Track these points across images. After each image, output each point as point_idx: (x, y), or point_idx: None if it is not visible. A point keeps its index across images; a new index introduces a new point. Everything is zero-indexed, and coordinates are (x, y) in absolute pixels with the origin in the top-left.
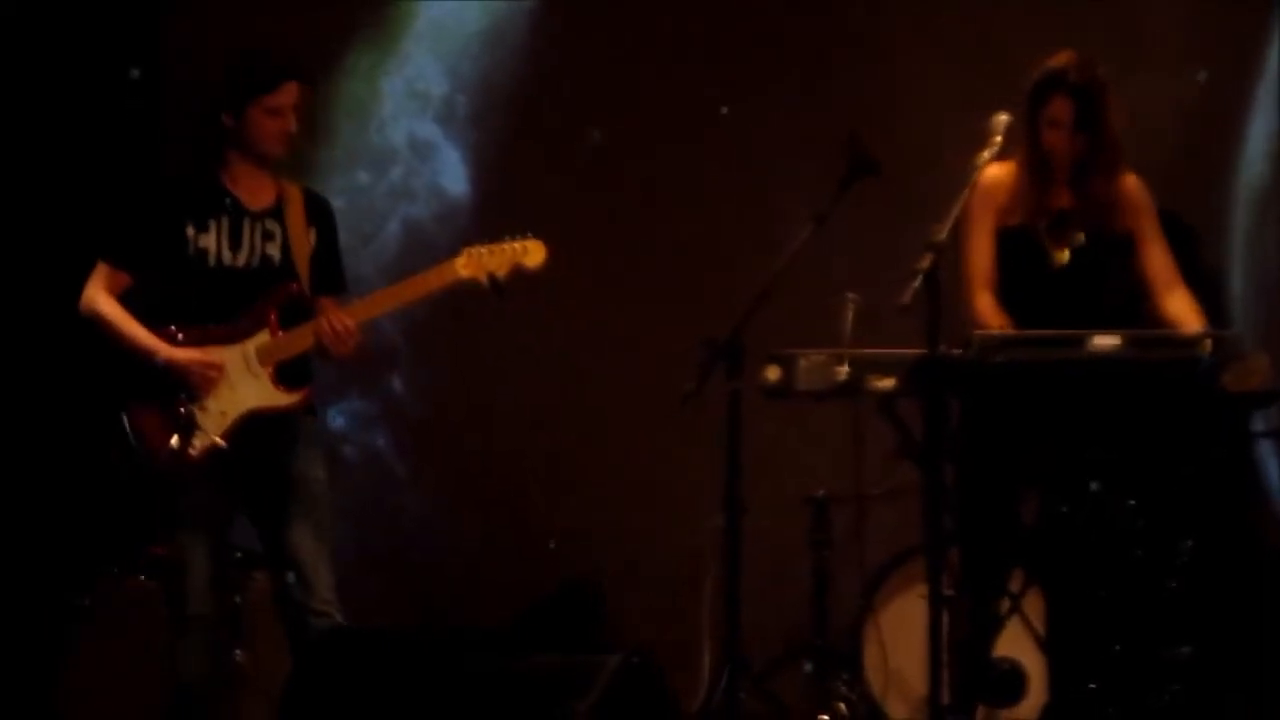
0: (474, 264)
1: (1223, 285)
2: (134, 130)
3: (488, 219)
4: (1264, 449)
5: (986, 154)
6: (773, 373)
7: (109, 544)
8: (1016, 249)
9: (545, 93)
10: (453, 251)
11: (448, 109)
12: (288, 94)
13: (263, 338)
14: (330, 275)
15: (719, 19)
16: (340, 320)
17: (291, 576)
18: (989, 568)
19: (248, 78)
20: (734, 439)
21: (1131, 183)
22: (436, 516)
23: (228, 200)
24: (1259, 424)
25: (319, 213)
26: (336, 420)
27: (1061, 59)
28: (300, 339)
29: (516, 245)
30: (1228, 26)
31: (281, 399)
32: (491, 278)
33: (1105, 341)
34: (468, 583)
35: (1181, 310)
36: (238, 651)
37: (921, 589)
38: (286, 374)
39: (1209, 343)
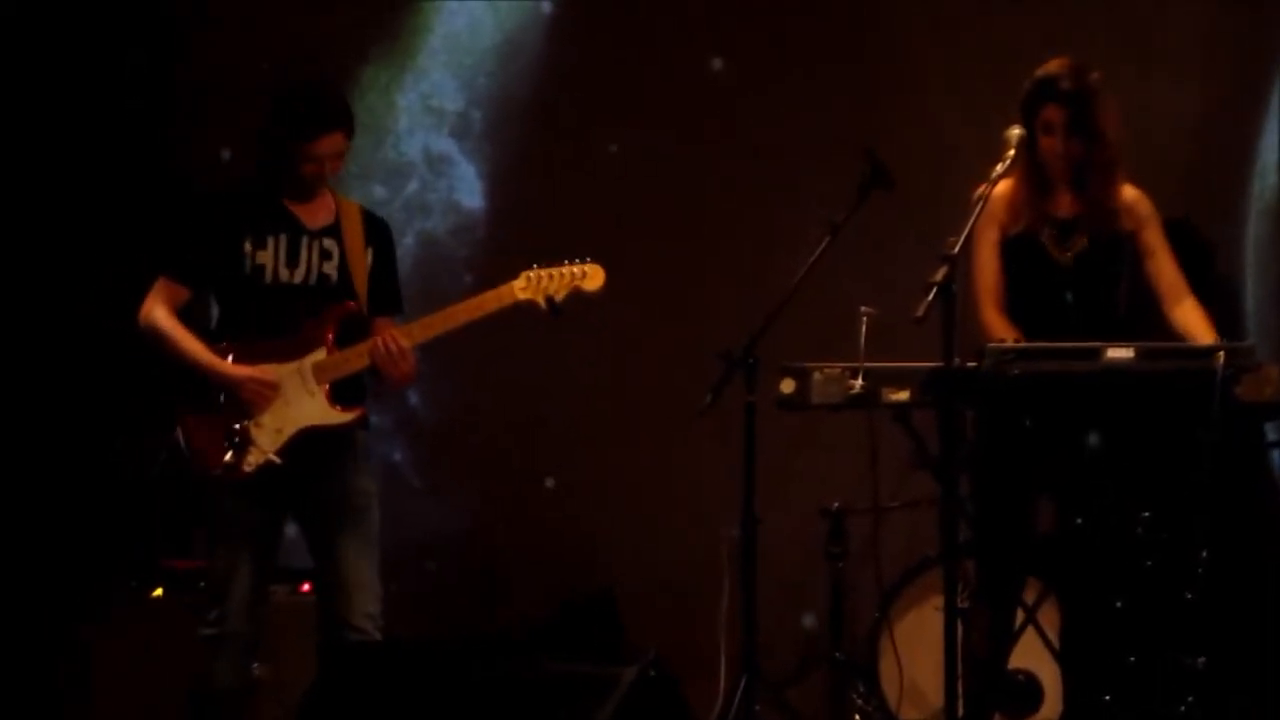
0: (532, 287)
1: (1236, 296)
2: (148, 134)
3: (503, 233)
4: (1276, 459)
5: (1000, 168)
6: (787, 385)
7: (124, 558)
8: (1021, 256)
9: (560, 107)
10: (469, 265)
11: (463, 124)
12: (329, 145)
13: (319, 355)
14: (387, 296)
15: (734, 33)
16: (396, 342)
17: (335, 592)
18: (1004, 579)
19: (290, 124)
20: (750, 451)
21: (1133, 193)
22: (453, 527)
23: (286, 217)
24: (1272, 434)
25: (377, 233)
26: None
27: (1054, 66)
28: (356, 358)
29: (575, 269)
30: (1240, 37)
31: (336, 417)
32: (550, 300)
33: (1119, 353)
34: (484, 593)
35: (1191, 321)
36: (256, 665)
37: (937, 600)
38: (342, 392)
39: (1223, 354)
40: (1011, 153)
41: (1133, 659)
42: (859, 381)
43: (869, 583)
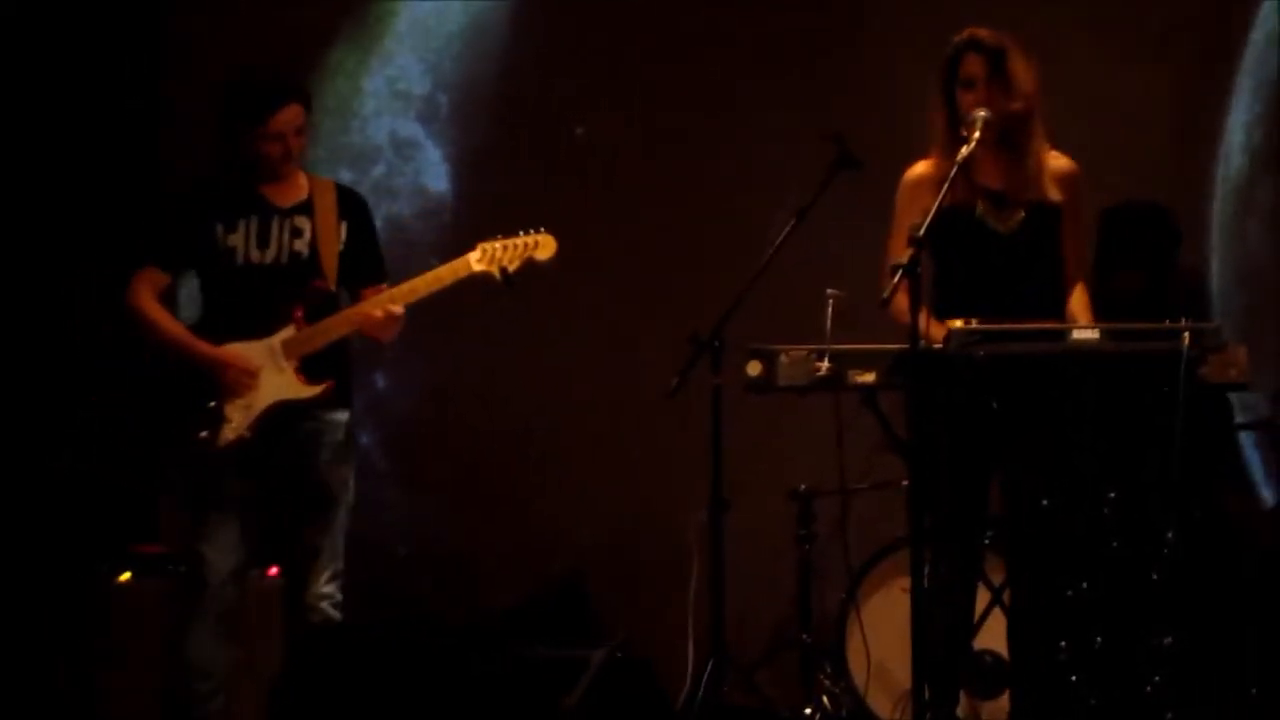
0: (487, 258)
1: (1202, 277)
2: (133, 128)
3: (469, 217)
4: (1244, 440)
5: (965, 150)
6: (754, 368)
7: (95, 544)
8: (958, 230)
9: (527, 90)
10: (435, 248)
11: (430, 108)
12: (285, 119)
13: (288, 332)
14: (368, 267)
15: (703, 14)
16: (389, 309)
17: (297, 570)
18: (970, 560)
19: (240, 109)
20: (717, 434)
21: (1066, 163)
22: (421, 512)
23: (257, 200)
24: (1239, 415)
25: (351, 207)
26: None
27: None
28: (324, 333)
29: (528, 239)
30: (1204, 19)
31: (304, 391)
32: (504, 271)
33: (1085, 334)
34: (453, 578)
35: (1078, 308)
36: (231, 646)
37: (904, 582)
38: (311, 367)
39: (1188, 335)
40: (977, 134)
41: (1100, 639)
42: (825, 364)
43: (837, 565)
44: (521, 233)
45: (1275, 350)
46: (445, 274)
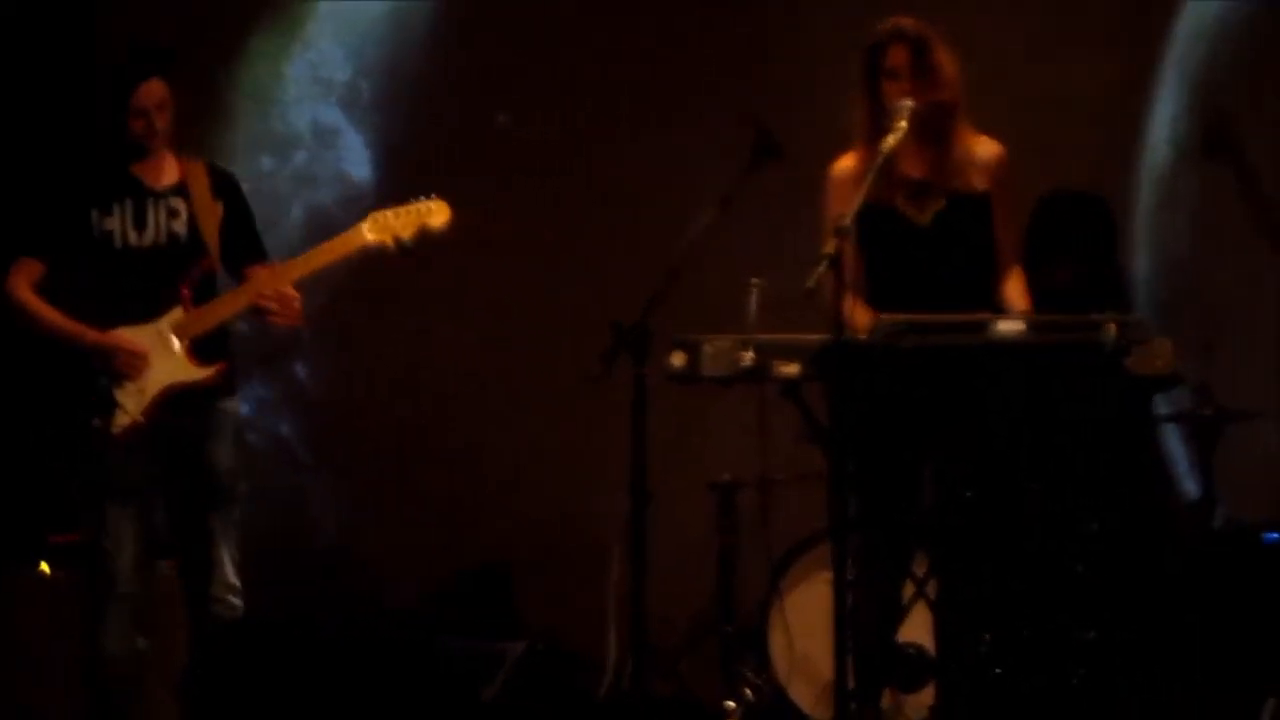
0: (379, 228)
1: (1127, 269)
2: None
3: (392, 204)
4: (1168, 432)
5: (891, 139)
6: (678, 358)
7: (7, 534)
8: (879, 223)
9: (450, 77)
10: None
11: (351, 94)
12: (147, 95)
13: (176, 314)
14: (248, 246)
15: (625, 6)
16: (277, 286)
17: (194, 562)
18: (893, 552)
19: (108, 83)
20: (639, 424)
21: (991, 147)
22: (340, 501)
23: (131, 181)
24: (1163, 407)
25: (224, 186)
26: (241, 407)
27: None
28: (213, 313)
29: (421, 206)
30: (1128, 10)
31: (196, 373)
32: (398, 240)
33: (1010, 325)
34: (372, 568)
35: (1015, 295)
36: (140, 639)
37: (827, 575)
38: (201, 349)
39: (1113, 327)
40: (903, 124)
41: (1024, 632)
42: (749, 354)
43: (760, 556)
44: (414, 199)
45: (1199, 342)
46: (337, 246)
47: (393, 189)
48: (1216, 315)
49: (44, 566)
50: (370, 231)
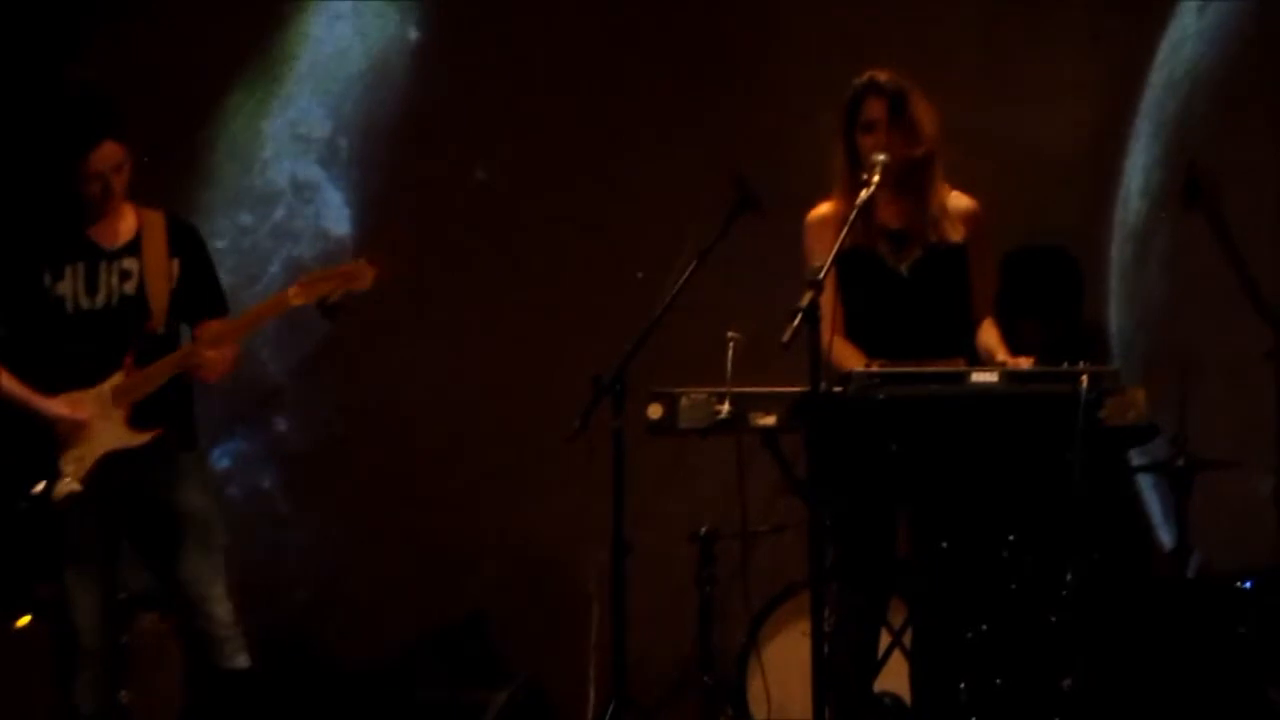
0: (304, 292)
1: (1101, 320)
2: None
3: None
4: (1143, 483)
5: (864, 193)
6: (655, 410)
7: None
8: (858, 270)
9: (428, 133)
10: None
11: (330, 151)
12: (102, 159)
13: (117, 378)
14: (205, 300)
15: (604, 57)
16: (216, 345)
17: (190, 610)
18: (870, 602)
19: (57, 145)
20: (619, 476)
21: (966, 201)
22: (322, 554)
23: (83, 243)
24: (1138, 457)
25: (183, 240)
26: (221, 461)
27: (872, 70)
28: (153, 376)
29: (344, 269)
30: (1107, 65)
31: (133, 439)
32: (321, 302)
33: (984, 377)
34: (354, 619)
35: (991, 341)
36: (123, 692)
37: (804, 625)
38: (142, 413)
39: (1087, 378)
40: (876, 178)
41: (1000, 681)
42: (726, 406)
43: (738, 607)
44: (343, 262)
45: (1174, 393)
46: (264, 310)
47: (371, 245)
48: (1192, 366)
49: (23, 620)
50: (295, 296)
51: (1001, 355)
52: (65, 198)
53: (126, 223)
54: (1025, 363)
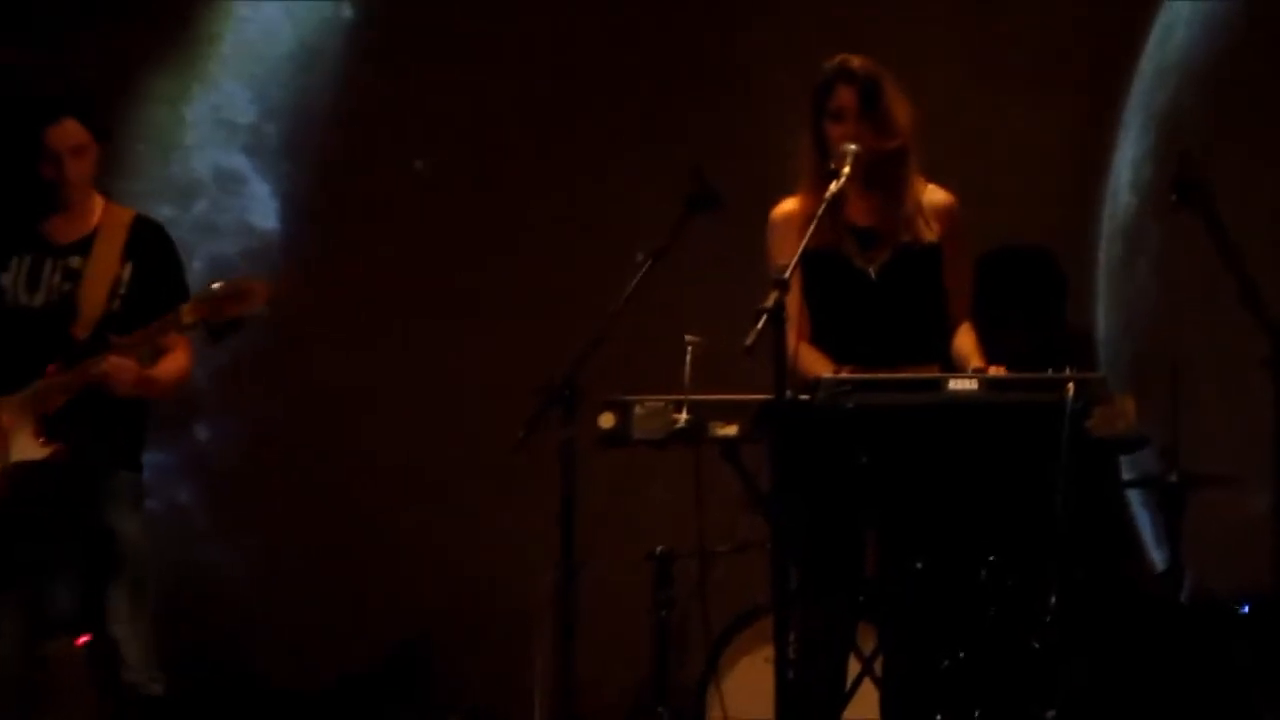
0: (196, 311)
1: (1087, 325)
2: None
3: (300, 256)
4: (1133, 499)
5: (834, 186)
6: (607, 420)
7: None
8: (823, 271)
9: (362, 120)
10: None
11: (257, 138)
12: (60, 137)
13: (37, 386)
14: (164, 305)
15: (551, 46)
16: (101, 366)
17: (106, 642)
18: (838, 627)
19: (15, 123)
20: (569, 490)
21: (942, 196)
22: (246, 572)
23: (33, 237)
24: (1128, 472)
25: (143, 243)
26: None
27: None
28: (67, 386)
29: (238, 287)
30: (1092, 59)
31: (38, 452)
32: (207, 324)
33: (963, 385)
34: (285, 642)
35: (967, 348)
36: None
37: (768, 651)
38: (53, 426)
39: (1073, 386)
40: (846, 170)
41: (977, 713)
42: (684, 415)
43: (696, 632)
44: (236, 280)
45: (1165, 402)
46: (155, 330)
47: (301, 240)
48: (1184, 373)
49: None
50: (188, 314)
51: (975, 362)
52: (23, 185)
53: (86, 219)
54: (997, 372)
